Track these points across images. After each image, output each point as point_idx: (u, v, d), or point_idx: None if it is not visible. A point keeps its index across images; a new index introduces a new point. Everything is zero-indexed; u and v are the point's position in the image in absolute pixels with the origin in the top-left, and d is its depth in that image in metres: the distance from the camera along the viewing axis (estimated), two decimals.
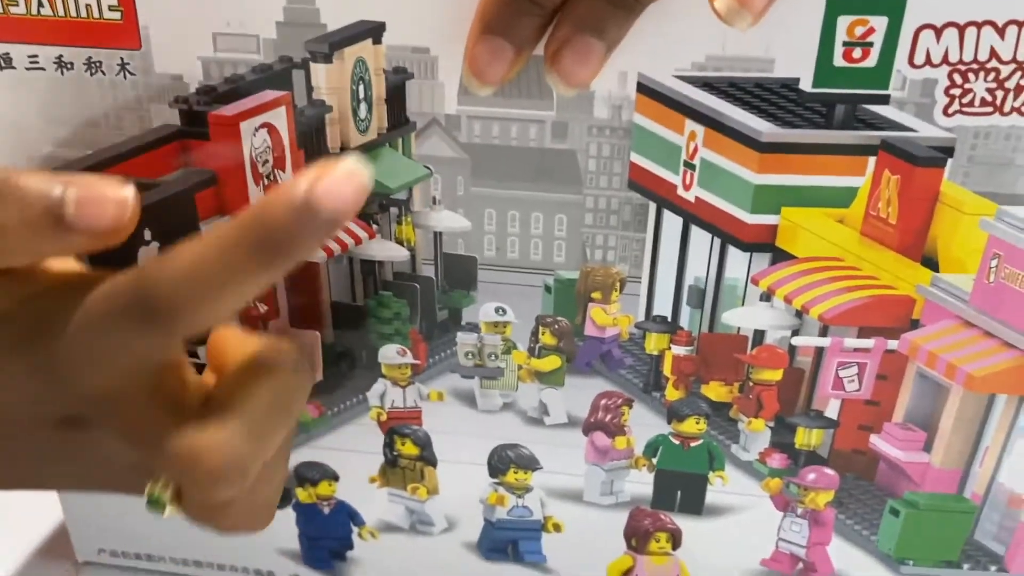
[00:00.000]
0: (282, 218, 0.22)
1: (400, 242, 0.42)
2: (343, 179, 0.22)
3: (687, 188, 0.39)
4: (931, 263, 0.39)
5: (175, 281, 0.24)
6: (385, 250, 0.42)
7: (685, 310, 0.42)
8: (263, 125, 0.39)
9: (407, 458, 0.46)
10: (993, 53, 0.35)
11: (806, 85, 0.35)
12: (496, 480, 0.46)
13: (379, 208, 0.41)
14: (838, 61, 0.35)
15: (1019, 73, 0.35)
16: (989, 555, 0.45)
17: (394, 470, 0.47)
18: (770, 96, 0.37)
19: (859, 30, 0.35)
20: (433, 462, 0.47)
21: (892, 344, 0.40)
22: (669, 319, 0.42)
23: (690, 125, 0.38)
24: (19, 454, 0.29)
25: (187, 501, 0.28)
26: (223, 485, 0.26)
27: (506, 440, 0.46)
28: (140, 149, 0.40)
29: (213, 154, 0.40)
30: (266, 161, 0.40)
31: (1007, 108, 0.36)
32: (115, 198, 0.25)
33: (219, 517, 0.29)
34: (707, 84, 0.37)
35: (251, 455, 0.26)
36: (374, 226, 0.41)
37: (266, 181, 0.41)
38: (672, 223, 0.40)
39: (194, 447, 0.26)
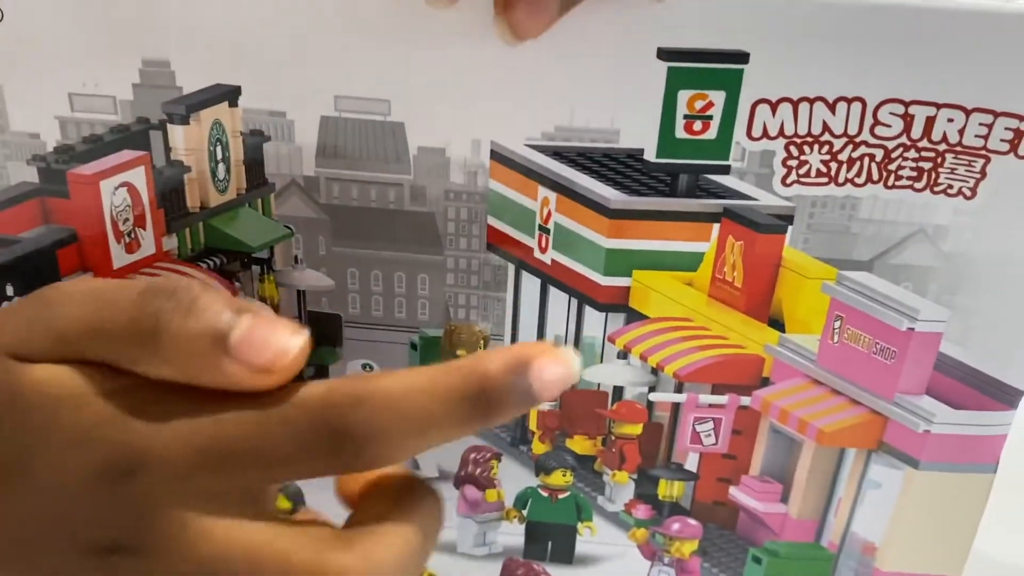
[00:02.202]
0: (501, 378, 0.22)
1: (263, 300, 0.42)
2: (557, 362, 0.23)
3: (543, 251, 0.40)
4: (777, 324, 0.40)
5: (374, 409, 0.22)
6: None
7: None
8: (122, 184, 0.39)
9: (283, 512, 0.46)
10: (825, 127, 0.36)
11: (650, 156, 0.37)
12: None
13: (240, 266, 0.41)
14: (680, 133, 0.36)
15: (851, 146, 0.37)
16: None
17: None
18: (617, 165, 0.38)
19: (699, 104, 0.36)
20: None
21: (745, 400, 0.42)
22: None
23: (543, 191, 0.39)
24: None
25: None
26: None
27: None
28: None
29: (73, 212, 0.40)
30: (126, 219, 0.40)
31: (841, 179, 0.37)
32: (278, 346, 0.22)
33: None
34: (557, 153, 0.38)
35: None
36: (236, 284, 0.41)
37: (127, 239, 0.41)
38: (531, 283, 0.41)
39: (365, 568, 0.22)
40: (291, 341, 0.23)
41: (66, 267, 0.41)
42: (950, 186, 0.37)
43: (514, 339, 0.42)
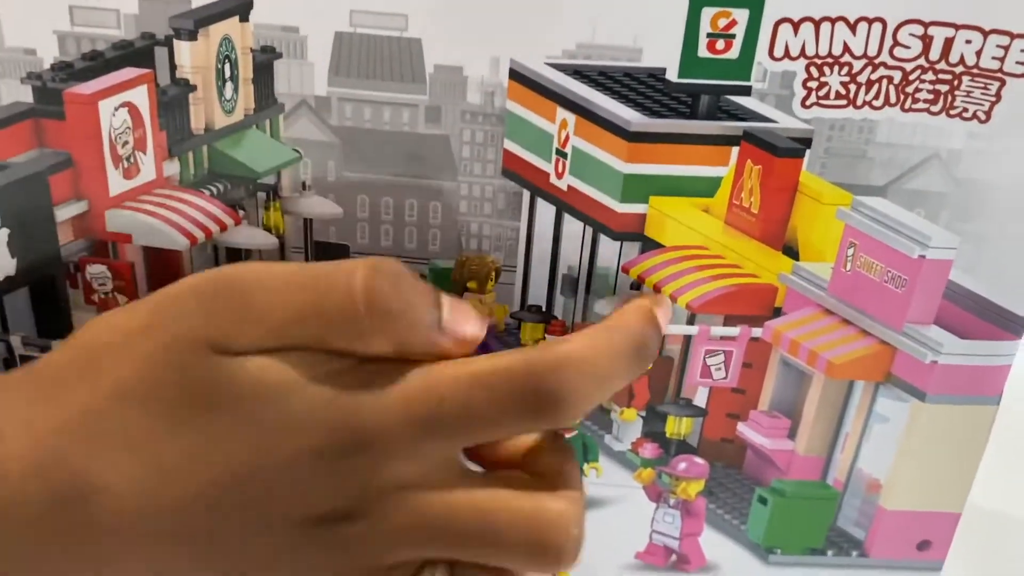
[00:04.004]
0: (651, 333, 0.27)
1: (268, 229, 0.40)
2: (667, 309, 0.28)
3: (559, 176, 0.39)
4: (792, 252, 0.40)
5: (571, 372, 0.25)
6: (252, 238, 0.40)
7: (559, 299, 0.42)
8: (123, 104, 0.38)
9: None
10: (846, 48, 0.36)
11: (672, 75, 0.36)
12: None
13: (246, 193, 0.40)
14: (702, 52, 0.36)
15: (870, 68, 0.37)
16: (851, 541, 0.46)
17: None
18: (638, 86, 0.38)
19: (722, 22, 0.36)
20: None
21: (756, 332, 0.42)
22: (544, 309, 0.42)
23: (561, 113, 0.38)
24: (250, 559, 0.25)
25: None
26: (573, 562, 0.25)
27: None
28: None
29: (69, 135, 0.38)
30: (126, 143, 0.38)
31: (859, 101, 0.37)
32: (474, 324, 0.26)
33: None
34: (577, 72, 0.37)
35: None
36: (240, 212, 0.40)
37: (126, 164, 0.39)
38: (545, 211, 0.40)
39: (569, 516, 0.25)
40: (481, 321, 0.27)
41: (59, 195, 0.39)
42: (965, 109, 0.37)
43: (527, 270, 0.42)
